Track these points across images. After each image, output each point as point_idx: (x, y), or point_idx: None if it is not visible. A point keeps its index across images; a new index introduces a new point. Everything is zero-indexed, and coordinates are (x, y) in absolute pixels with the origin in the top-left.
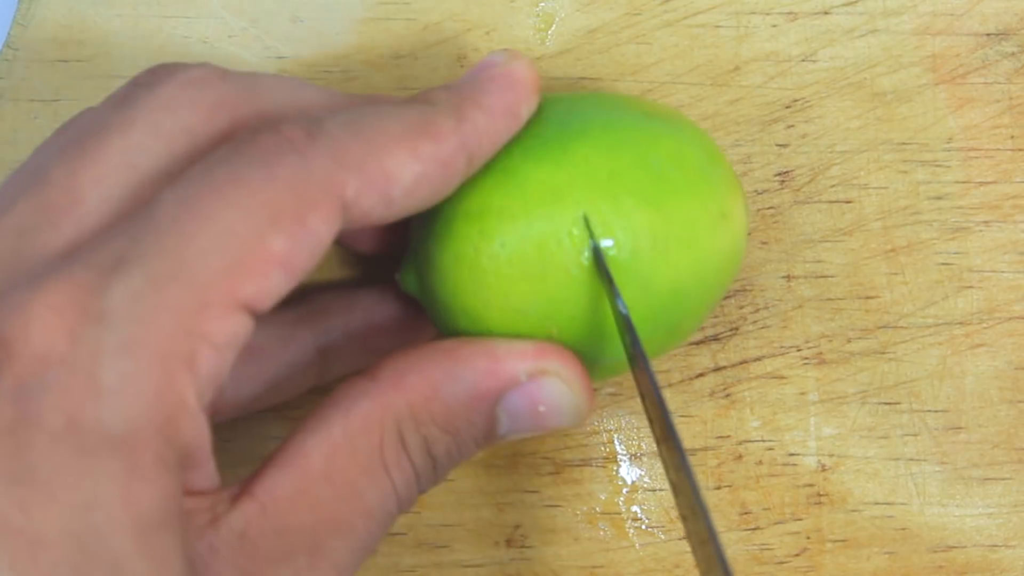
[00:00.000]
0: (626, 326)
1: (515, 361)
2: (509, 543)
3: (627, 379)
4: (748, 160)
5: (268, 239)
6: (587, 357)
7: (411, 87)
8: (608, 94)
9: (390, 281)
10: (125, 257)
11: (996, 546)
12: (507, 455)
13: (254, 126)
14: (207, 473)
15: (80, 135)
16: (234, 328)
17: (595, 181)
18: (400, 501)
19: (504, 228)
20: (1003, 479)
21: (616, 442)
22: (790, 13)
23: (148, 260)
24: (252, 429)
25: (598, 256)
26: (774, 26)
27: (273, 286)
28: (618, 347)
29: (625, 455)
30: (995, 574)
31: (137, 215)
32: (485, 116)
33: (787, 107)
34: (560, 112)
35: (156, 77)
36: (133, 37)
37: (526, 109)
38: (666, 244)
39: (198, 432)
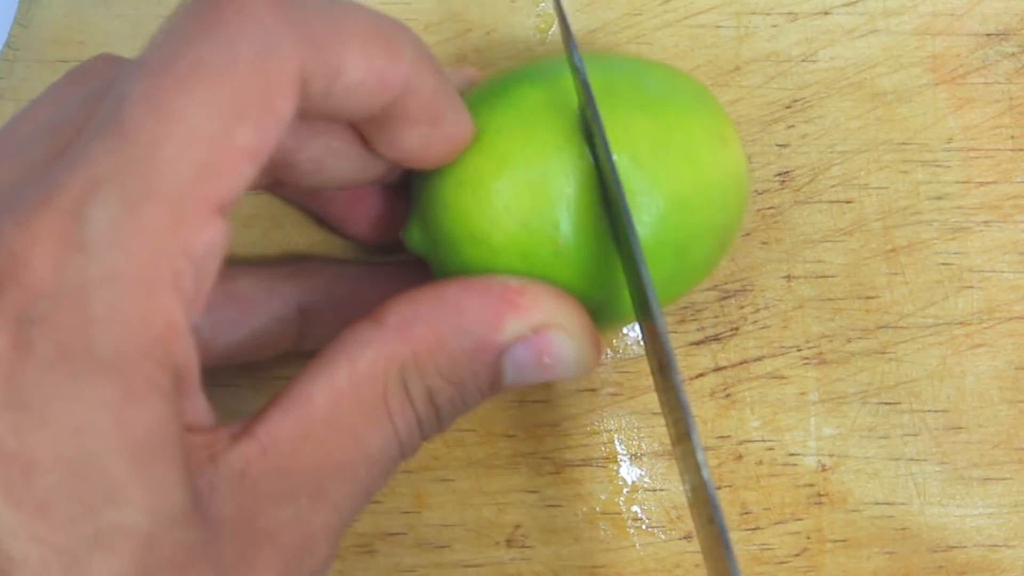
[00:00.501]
0: (610, 170)
1: (520, 317)
2: (509, 543)
3: (627, 379)
4: (749, 160)
5: (235, 134)
6: (591, 277)
7: None
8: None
9: (383, 262)
10: (99, 177)
11: (996, 546)
12: (508, 455)
13: None
14: (199, 405)
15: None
16: (211, 235)
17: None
18: (403, 447)
19: (503, 143)
20: (1003, 479)
21: (616, 442)
22: (790, 13)
23: (120, 178)
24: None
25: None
26: (774, 26)
27: (242, 179)
28: (618, 267)
29: (625, 455)
30: (995, 574)
31: (107, 119)
32: (439, 79)
33: (787, 107)
34: (554, 58)
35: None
36: (133, 37)
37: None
38: (667, 153)
39: (187, 353)
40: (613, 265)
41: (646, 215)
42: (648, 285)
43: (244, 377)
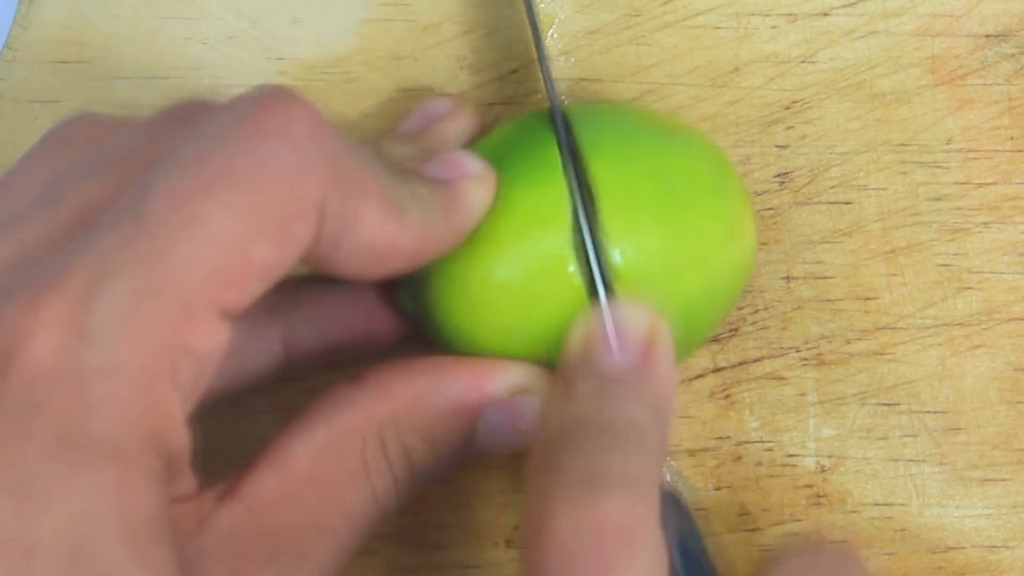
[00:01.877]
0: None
1: (497, 379)
2: (508, 544)
3: None
4: (748, 161)
5: (253, 248)
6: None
7: (411, 88)
8: (620, 105)
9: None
10: (111, 266)
11: (995, 547)
12: (507, 456)
13: (257, 91)
14: (187, 479)
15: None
16: (216, 338)
17: (608, 196)
18: (379, 506)
19: (493, 252)
20: (1002, 480)
21: None
22: (790, 14)
23: (133, 270)
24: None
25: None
26: (773, 27)
27: (251, 294)
28: None
29: None
30: (994, 575)
31: (128, 209)
32: (445, 230)
33: (787, 108)
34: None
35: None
36: (133, 38)
37: (470, 228)
38: (678, 263)
39: (182, 442)
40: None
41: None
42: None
43: None
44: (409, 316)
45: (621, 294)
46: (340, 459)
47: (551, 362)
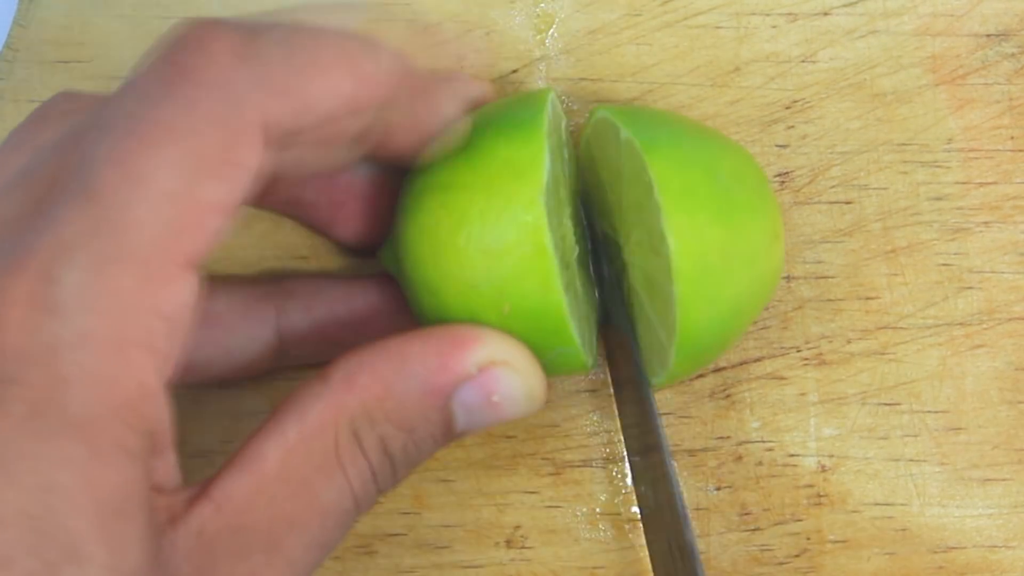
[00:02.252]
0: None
1: (463, 355)
2: (509, 544)
3: None
4: None
5: (200, 190)
6: (536, 342)
7: None
8: (657, 109)
9: (360, 277)
10: (69, 239)
11: (996, 547)
12: (507, 456)
13: (181, 31)
14: (169, 464)
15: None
16: (182, 292)
17: (667, 192)
18: (357, 500)
19: (465, 203)
20: (1003, 480)
21: (616, 443)
22: (790, 14)
23: (91, 241)
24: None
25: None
26: (774, 27)
27: (211, 233)
28: (568, 336)
29: (625, 456)
30: (995, 575)
31: (74, 179)
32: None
33: (787, 108)
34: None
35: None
36: (133, 38)
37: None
38: (732, 261)
39: (159, 413)
40: (563, 331)
41: (705, 322)
42: (658, 427)
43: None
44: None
45: (677, 286)
46: (312, 456)
47: (514, 319)
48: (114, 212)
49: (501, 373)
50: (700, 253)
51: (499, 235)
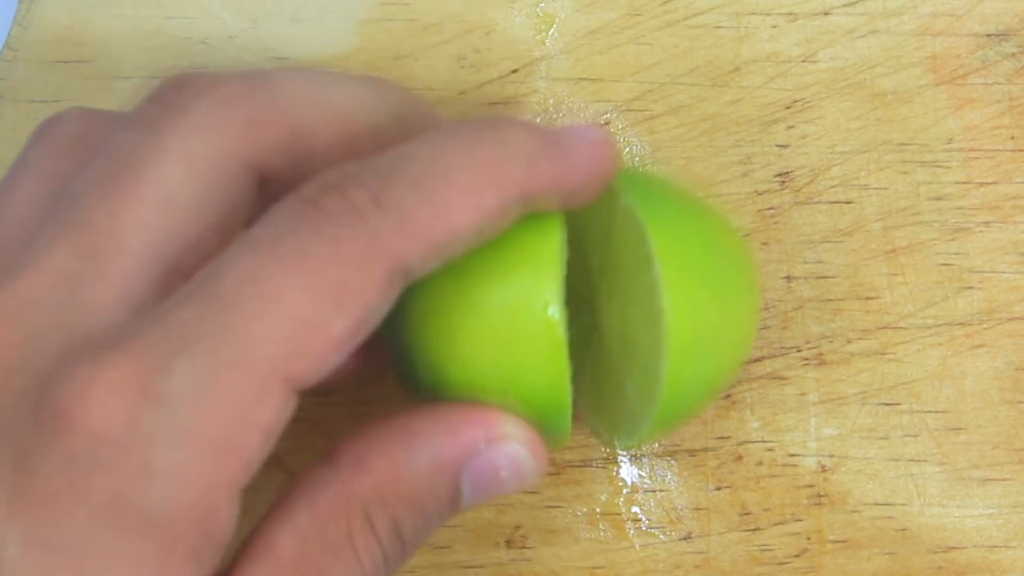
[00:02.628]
0: None
1: (473, 430)
2: (509, 544)
3: None
4: (748, 161)
5: (331, 322)
6: (538, 427)
7: (411, 88)
8: (653, 174)
9: None
10: (188, 337)
11: (996, 547)
12: None
13: (320, 180)
14: (214, 562)
15: (113, 167)
16: (284, 411)
17: (669, 271)
18: None
19: (482, 292)
20: (1003, 480)
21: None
22: (790, 14)
23: (211, 342)
24: None
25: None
26: (774, 27)
27: (327, 367)
28: (564, 424)
29: (625, 456)
30: (995, 574)
31: (202, 286)
32: (577, 161)
33: (787, 108)
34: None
35: (183, 97)
36: (133, 38)
37: (606, 176)
38: (721, 339)
39: (229, 520)
40: (562, 421)
41: (681, 398)
42: None
43: None
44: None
45: (668, 362)
46: (326, 542)
47: (516, 408)
48: (239, 321)
49: (508, 448)
50: (694, 332)
51: (514, 327)
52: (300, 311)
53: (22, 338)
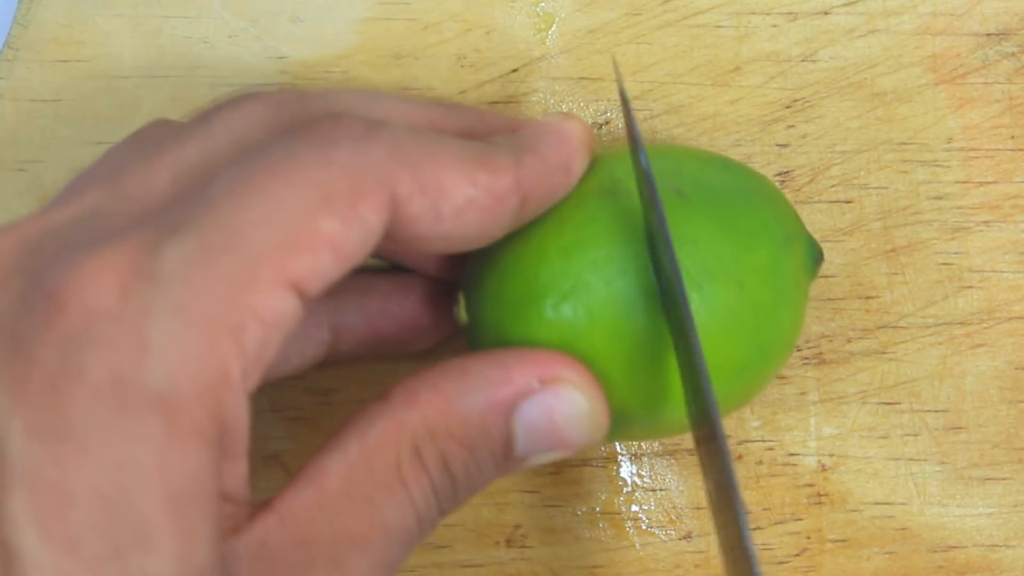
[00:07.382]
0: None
1: (527, 370)
2: (509, 543)
3: None
4: (748, 160)
5: (320, 219)
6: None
7: (411, 87)
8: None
9: (404, 271)
10: (180, 225)
11: (996, 546)
12: None
13: (316, 116)
14: (240, 472)
15: (160, 139)
16: (281, 305)
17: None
18: (420, 518)
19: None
20: (1003, 479)
21: (616, 442)
22: (790, 13)
23: (202, 228)
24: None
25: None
26: (774, 26)
27: (322, 267)
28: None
29: (625, 455)
30: (995, 574)
31: (195, 191)
32: (541, 164)
33: (787, 107)
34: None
35: (239, 98)
36: (133, 37)
37: (579, 166)
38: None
39: (237, 410)
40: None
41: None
42: (713, 408)
43: None
44: (453, 321)
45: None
46: (375, 473)
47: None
48: (227, 211)
49: (564, 391)
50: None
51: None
52: (287, 203)
53: (21, 244)
